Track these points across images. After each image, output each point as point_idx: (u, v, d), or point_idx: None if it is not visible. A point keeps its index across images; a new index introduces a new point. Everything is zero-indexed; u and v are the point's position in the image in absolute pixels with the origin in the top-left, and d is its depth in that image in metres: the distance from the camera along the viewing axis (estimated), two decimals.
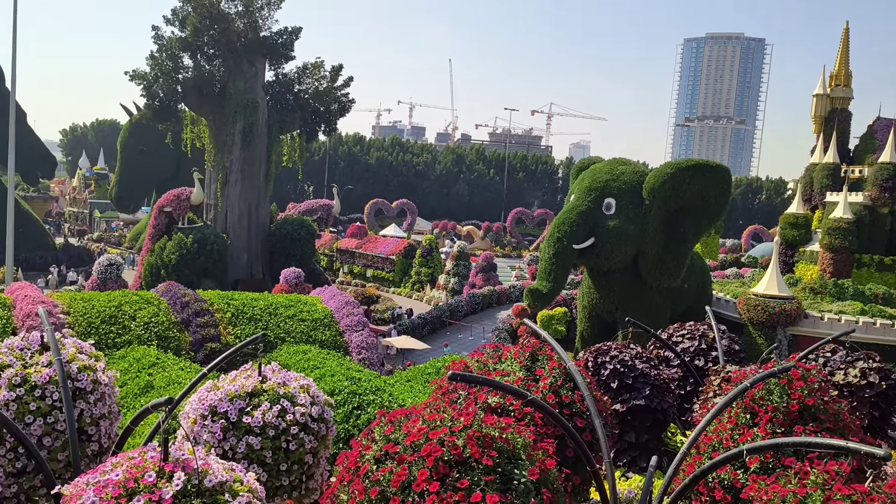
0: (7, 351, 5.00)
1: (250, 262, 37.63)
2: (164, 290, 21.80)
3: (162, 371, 15.36)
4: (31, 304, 17.31)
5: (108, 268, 30.61)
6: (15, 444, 4.73)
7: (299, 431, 5.10)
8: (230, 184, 36.86)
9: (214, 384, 5.18)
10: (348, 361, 17.80)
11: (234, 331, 20.25)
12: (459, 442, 3.82)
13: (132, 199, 64.54)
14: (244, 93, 36.07)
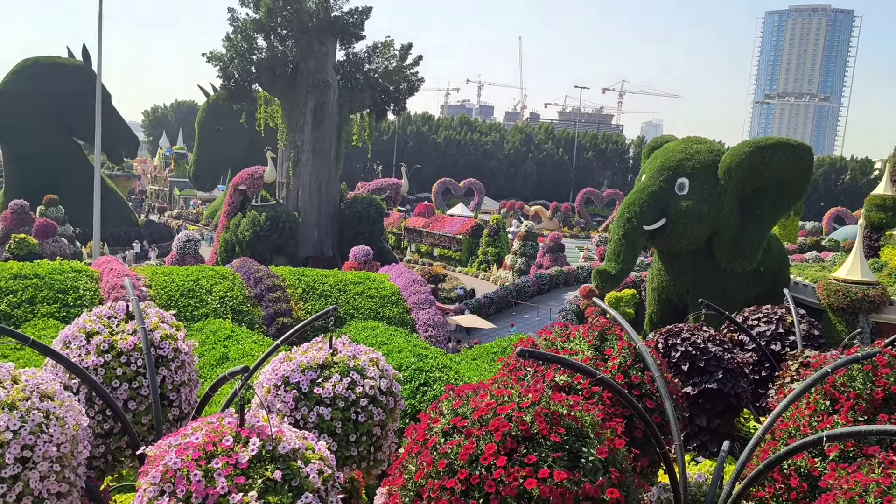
0: (95, 319, 5.27)
1: (320, 240, 38.39)
2: (239, 265, 22.50)
3: (236, 343, 15.91)
4: (116, 277, 18.17)
5: (187, 244, 31.79)
6: (103, 406, 4.99)
7: (368, 404, 5.20)
8: (302, 162, 37.58)
9: (287, 356, 5.32)
10: (415, 338, 18.02)
11: (305, 306, 20.76)
12: (527, 418, 3.82)
13: (209, 178, 66.72)
14: (315, 73, 36.59)
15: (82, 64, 51.89)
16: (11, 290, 17.03)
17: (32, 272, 17.95)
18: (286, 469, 3.77)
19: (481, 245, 49.83)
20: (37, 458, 3.91)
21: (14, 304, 16.71)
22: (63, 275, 18.29)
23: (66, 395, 4.34)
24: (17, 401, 3.95)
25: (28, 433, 3.89)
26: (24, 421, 3.89)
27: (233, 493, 3.56)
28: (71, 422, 4.17)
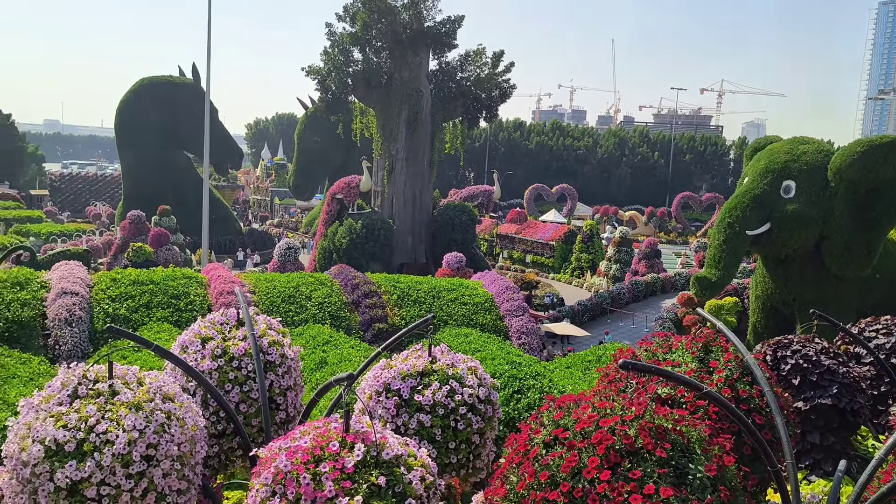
0: (209, 325, 5.57)
1: (414, 247, 38.97)
2: (337, 272, 23.16)
3: (335, 348, 16.36)
4: (223, 284, 19.09)
5: (287, 251, 32.98)
6: (217, 408, 5.26)
7: (467, 412, 5.24)
8: (396, 171, 38.30)
9: (388, 363, 5.44)
10: (508, 345, 17.97)
11: (400, 312, 21.11)
12: (631, 432, 3.75)
13: (308, 187, 69.08)
14: (409, 83, 37.24)
15: (192, 82, 54.93)
16: (130, 295, 18.19)
17: (148, 278, 19.11)
18: (390, 475, 3.86)
19: (574, 251, 49.16)
20: (160, 456, 4.17)
21: (132, 308, 17.85)
22: (175, 281, 19.38)
23: (185, 398, 4.61)
24: (142, 402, 4.23)
25: (152, 432, 4.15)
26: (148, 421, 4.17)
27: (339, 497, 3.68)
28: (190, 423, 4.43)
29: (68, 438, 3.98)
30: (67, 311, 16.38)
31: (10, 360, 14.40)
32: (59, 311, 16.37)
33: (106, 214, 67.07)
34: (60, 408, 4.14)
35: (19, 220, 54.32)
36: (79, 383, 4.27)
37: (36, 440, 4.00)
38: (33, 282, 17.73)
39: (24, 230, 49.06)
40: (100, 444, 4.00)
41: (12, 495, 4.11)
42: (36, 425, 4.06)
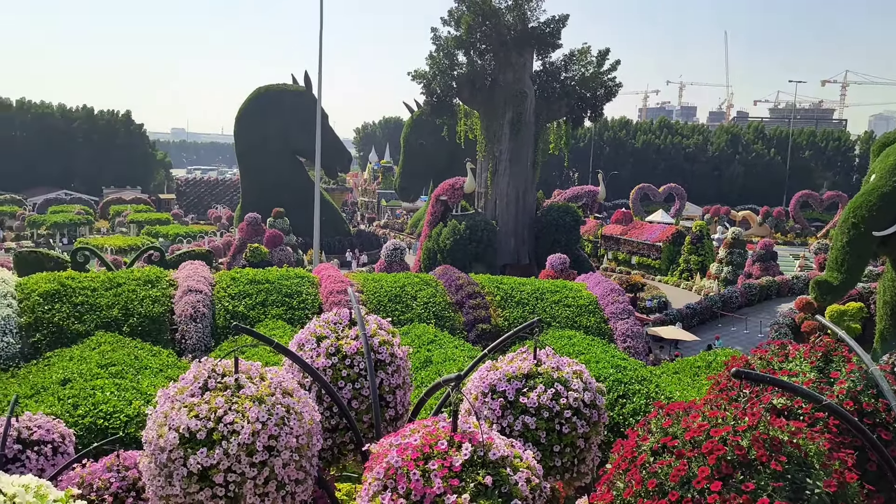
0: (324, 325, 5.86)
1: (517, 248, 38.91)
2: (441, 272, 23.49)
3: (439, 348, 16.62)
4: (333, 283, 19.80)
5: (394, 252, 33.77)
6: (330, 404, 5.53)
7: (572, 415, 5.25)
8: (499, 172, 38.39)
9: (494, 364, 5.53)
10: (613, 349, 17.65)
11: (504, 313, 21.16)
12: (744, 443, 3.66)
13: (413, 189, 70.41)
14: (513, 84, 37.24)
15: (304, 89, 57.25)
16: (248, 293, 19.20)
17: (264, 278, 20.10)
18: (496, 475, 3.95)
19: (683, 253, 47.54)
20: (280, 447, 4.44)
21: (250, 305, 18.83)
22: (289, 280, 20.26)
23: (303, 393, 4.88)
24: (265, 396, 4.53)
25: (274, 425, 4.43)
26: (270, 414, 4.45)
27: (448, 494, 3.80)
28: (307, 417, 4.69)
29: (200, 427, 4.32)
30: (192, 308, 17.50)
31: (142, 351, 15.56)
32: (185, 308, 17.50)
33: (226, 217, 70.96)
34: (193, 399, 4.49)
35: (150, 223, 58.42)
36: (209, 377, 4.62)
37: (172, 428, 4.36)
38: (163, 280, 19.04)
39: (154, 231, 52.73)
40: (227, 433, 4.31)
41: (150, 477, 4.50)
42: (172, 414, 4.42)
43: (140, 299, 17.83)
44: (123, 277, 18.88)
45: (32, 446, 6.71)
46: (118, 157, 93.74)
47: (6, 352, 15.59)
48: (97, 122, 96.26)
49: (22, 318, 16.49)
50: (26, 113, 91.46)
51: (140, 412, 11.70)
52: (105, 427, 11.30)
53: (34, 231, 60.59)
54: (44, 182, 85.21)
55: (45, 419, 7.04)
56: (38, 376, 14.04)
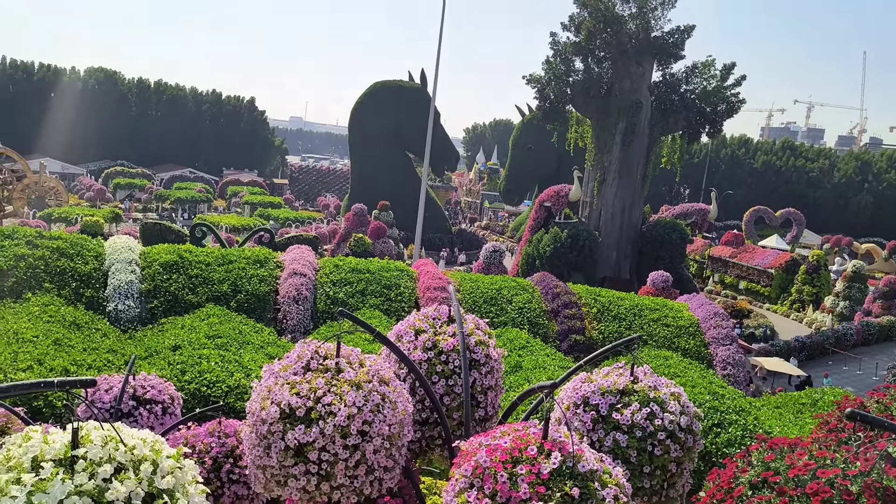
0: (423, 319, 5.96)
1: (618, 261, 38.08)
2: (538, 279, 23.33)
3: (530, 354, 16.53)
4: (431, 279, 20.07)
5: (493, 254, 33.82)
6: (422, 397, 5.62)
7: (666, 438, 5.10)
8: (607, 183, 37.70)
9: (588, 376, 5.46)
10: (711, 375, 16.99)
11: (599, 326, 20.79)
12: (854, 488, 3.45)
13: (517, 192, 70.27)
14: (629, 93, 36.46)
15: (419, 86, 58.25)
16: (349, 281, 19.77)
17: (366, 268, 20.64)
18: (584, 488, 3.90)
19: (796, 282, 45.04)
20: (373, 433, 4.57)
21: (350, 293, 19.39)
22: (389, 272, 20.71)
23: (398, 383, 5.00)
24: (362, 381, 4.67)
25: (368, 411, 4.56)
26: (366, 400, 4.58)
27: (533, 501, 3.79)
28: (401, 407, 4.80)
29: (299, 405, 4.50)
30: (296, 290, 18.20)
31: (246, 327, 16.33)
32: (289, 290, 18.23)
33: (333, 205, 73.27)
34: (295, 377, 4.69)
35: (263, 205, 61.19)
36: (311, 357, 4.81)
37: (274, 402, 4.57)
38: (271, 261, 19.91)
39: (266, 214, 55.16)
40: (325, 413, 4.47)
41: (251, 447, 4.74)
42: (275, 389, 4.63)
43: (248, 277, 18.71)
44: (235, 255, 19.88)
45: (145, 404, 7.19)
46: (240, 140, 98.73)
47: (126, 314, 16.77)
48: (224, 106, 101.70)
49: (143, 284, 17.67)
50: (162, 94, 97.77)
51: (240, 384, 12.31)
52: (208, 394, 11.96)
53: (159, 204, 64.78)
54: (172, 160, 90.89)
55: (157, 380, 7.52)
56: (153, 340, 15.04)
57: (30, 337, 13.15)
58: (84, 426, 3.29)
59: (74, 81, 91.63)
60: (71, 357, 12.59)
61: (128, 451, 3.18)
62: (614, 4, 36.36)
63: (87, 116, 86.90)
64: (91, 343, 14.18)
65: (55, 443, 3.16)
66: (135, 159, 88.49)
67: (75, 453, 3.10)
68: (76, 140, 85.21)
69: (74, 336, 14.19)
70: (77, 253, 17.91)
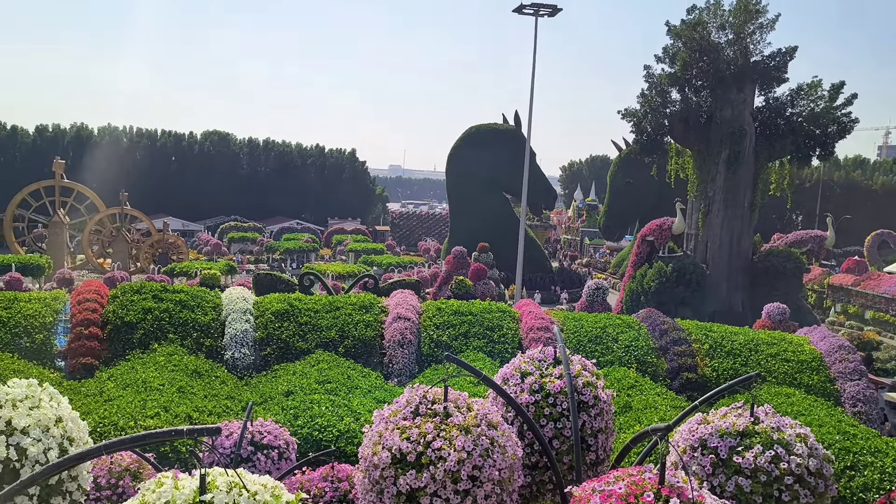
0: (529, 361, 5.94)
1: (729, 294, 36.45)
2: (644, 315, 22.65)
3: (640, 394, 16.00)
4: (534, 319, 19.89)
5: (595, 291, 33.19)
6: (532, 440, 5.57)
7: (794, 482, 4.81)
8: (712, 213, 36.41)
9: (704, 417, 5.25)
10: (840, 413, 15.85)
11: (712, 363, 19.89)
12: None
13: (617, 228, 68.98)
14: (731, 121, 35.33)
15: (514, 128, 58.81)
16: (452, 323, 19.91)
17: (468, 310, 20.72)
18: None
19: None
20: (483, 478, 4.56)
21: (453, 336, 19.49)
22: (491, 314, 20.69)
23: (507, 427, 4.98)
24: (471, 426, 4.69)
25: (478, 455, 4.57)
26: (475, 444, 4.59)
27: None
28: (510, 451, 4.77)
29: (410, 450, 4.57)
30: (400, 334, 18.50)
31: (354, 372, 16.71)
32: (394, 334, 18.55)
33: (434, 249, 74.29)
34: (405, 422, 4.77)
35: (366, 252, 62.96)
36: (420, 402, 4.89)
37: (385, 447, 4.66)
38: (375, 306, 20.37)
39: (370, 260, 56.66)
40: (435, 458, 4.52)
41: (363, 492, 4.83)
42: (385, 434, 4.73)
43: (355, 323, 19.20)
44: (342, 302, 20.49)
45: (263, 450, 7.48)
46: (343, 191, 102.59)
47: (242, 362, 17.55)
48: (327, 159, 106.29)
49: (257, 332, 18.48)
50: (270, 151, 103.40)
51: (350, 428, 12.56)
52: (319, 439, 12.26)
53: (270, 255, 67.88)
54: (280, 212, 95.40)
55: (274, 426, 7.81)
56: (267, 386, 15.63)
57: (156, 385, 13.99)
58: (210, 472, 3.47)
59: (192, 144, 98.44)
60: (193, 404, 13.27)
61: (251, 496, 3.33)
62: (709, 32, 35.59)
63: (204, 176, 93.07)
64: (211, 390, 14.90)
65: (185, 488, 3.35)
66: (246, 214, 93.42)
67: (203, 499, 3.28)
68: (195, 198, 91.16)
69: (196, 383, 14.96)
70: (197, 304, 18.99)
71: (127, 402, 12.91)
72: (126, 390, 13.83)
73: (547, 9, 39.37)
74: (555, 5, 39.45)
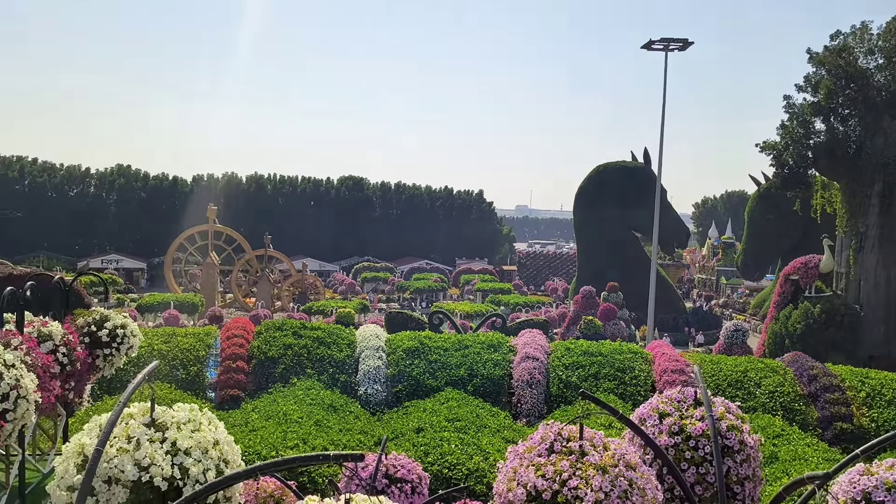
0: (667, 401, 5.73)
1: (888, 338, 33.34)
2: (791, 360, 21.16)
3: (787, 444, 14.90)
4: (668, 361, 19.12)
5: (735, 333, 31.49)
6: (672, 485, 5.35)
7: None
8: (865, 250, 33.69)
9: (867, 468, 4.83)
10: None
11: (870, 413, 18.20)
12: None
13: (757, 267, 65.21)
14: (883, 150, 32.77)
15: (643, 165, 57.58)
16: (581, 364, 19.52)
17: (598, 350, 20.26)
18: None
19: None
20: None
21: (583, 376, 19.09)
22: (622, 355, 20.11)
23: (646, 469, 4.82)
24: (608, 466, 4.58)
25: (616, 497, 4.44)
26: (613, 485, 4.48)
27: None
28: (650, 494, 4.61)
29: (545, 487, 4.52)
30: (529, 374, 18.35)
31: (482, 411, 16.71)
32: (523, 374, 18.42)
33: (561, 289, 73.49)
34: (540, 459, 4.74)
35: (493, 291, 63.29)
36: (554, 440, 4.84)
37: (520, 484, 4.64)
38: (504, 345, 20.36)
39: (497, 300, 56.86)
40: (571, 498, 4.44)
41: None
42: (520, 471, 4.71)
43: (483, 362, 19.26)
44: (470, 340, 20.65)
45: (397, 482, 7.64)
46: (470, 231, 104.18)
47: (374, 398, 18.04)
48: (455, 200, 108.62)
49: (389, 369, 18.96)
50: (401, 194, 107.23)
51: (479, 467, 12.54)
52: (449, 476, 12.32)
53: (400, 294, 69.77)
54: (410, 253, 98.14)
55: (407, 460, 7.97)
56: (398, 422, 15.95)
57: (296, 418, 14.64)
58: (353, 498, 3.61)
59: (329, 189, 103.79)
60: (329, 437, 13.76)
61: None
62: (856, 58, 33.41)
63: (340, 219, 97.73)
64: (345, 424, 15.39)
65: None
66: (378, 254, 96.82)
67: None
68: (331, 240, 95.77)
69: (332, 417, 15.51)
70: (333, 341, 19.79)
71: (269, 432, 13.61)
72: (268, 422, 14.59)
73: (678, 43, 38.57)
74: (686, 38, 38.59)
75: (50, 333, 8.12)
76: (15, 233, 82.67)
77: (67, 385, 8.37)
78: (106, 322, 9.18)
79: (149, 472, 4.44)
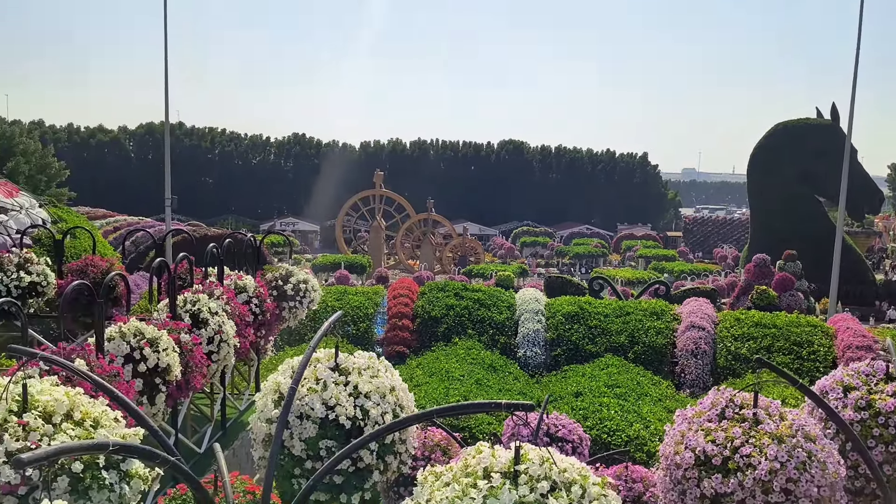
0: (854, 374, 5.36)
1: None
2: None
3: None
4: (853, 337, 17.63)
5: None
6: (855, 462, 5.02)
7: None
8: None
9: None
10: None
11: None
12: None
13: None
14: None
15: (830, 123, 52.50)
16: (752, 336, 18.51)
17: (771, 322, 19.09)
18: None
19: None
20: (799, 493, 4.24)
21: (753, 349, 18.10)
22: (799, 328, 18.82)
23: (827, 442, 4.56)
24: (784, 436, 4.39)
25: (793, 468, 4.26)
26: (790, 456, 4.29)
27: None
28: (831, 468, 4.37)
29: (715, 453, 4.43)
30: (694, 344, 17.69)
31: (643, 379, 16.42)
32: (687, 343, 17.79)
33: (731, 257, 69.47)
34: (710, 424, 4.63)
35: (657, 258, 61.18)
36: (726, 406, 4.70)
37: (688, 447, 4.57)
38: (667, 313, 19.74)
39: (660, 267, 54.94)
40: (743, 465, 4.32)
41: (664, 491, 4.79)
42: (689, 435, 4.64)
43: (645, 329, 18.81)
44: (632, 307, 20.21)
45: (558, 441, 7.76)
46: (633, 195, 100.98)
47: (533, 360, 18.25)
48: (617, 164, 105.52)
49: (547, 333, 19.06)
50: (561, 158, 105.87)
51: (639, 435, 12.39)
52: (608, 441, 12.29)
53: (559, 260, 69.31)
54: (570, 217, 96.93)
55: (568, 420, 8.06)
56: (557, 386, 16.06)
57: (457, 376, 15.20)
58: (523, 446, 3.76)
59: (489, 154, 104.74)
60: (489, 396, 14.17)
61: (561, 472, 3.54)
62: None
63: (499, 183, 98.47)
64: (505, 385, 15.75)
65: (501, 457, 3.68)
66: (538, 219, 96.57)
67: (518, 468, 3.56)
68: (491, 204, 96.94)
69: (491, 377, 15.94)
70: (493, 304, 20.19)
71: (433, 388, 14.25)
72: (432, 378, 15.27)
73: None
74: None
75: (245, 286, 9.01)
76: (207, 198, 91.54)
77: (259, 333, 9.27)
78: (291, 277, 10.01)
79: (334, 411, 4.87)
